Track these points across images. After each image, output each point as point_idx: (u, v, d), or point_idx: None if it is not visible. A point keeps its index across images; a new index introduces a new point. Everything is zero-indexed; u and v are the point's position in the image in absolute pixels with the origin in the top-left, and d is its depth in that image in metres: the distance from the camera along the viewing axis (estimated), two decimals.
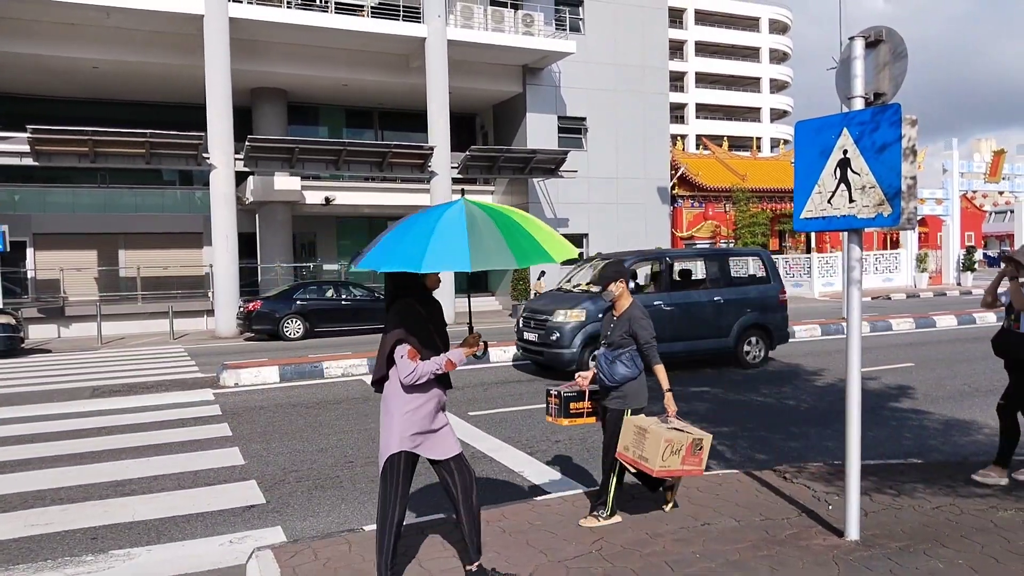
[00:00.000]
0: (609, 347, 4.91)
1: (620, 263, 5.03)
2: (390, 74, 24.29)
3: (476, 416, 9.03)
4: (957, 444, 7.28)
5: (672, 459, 4.60)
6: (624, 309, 4.93)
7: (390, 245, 3.56)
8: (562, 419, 5.15)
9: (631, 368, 4.87)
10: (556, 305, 11.85)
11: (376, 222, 28.83)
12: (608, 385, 4.94)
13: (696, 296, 11.95)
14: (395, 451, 3.84)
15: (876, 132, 4.13)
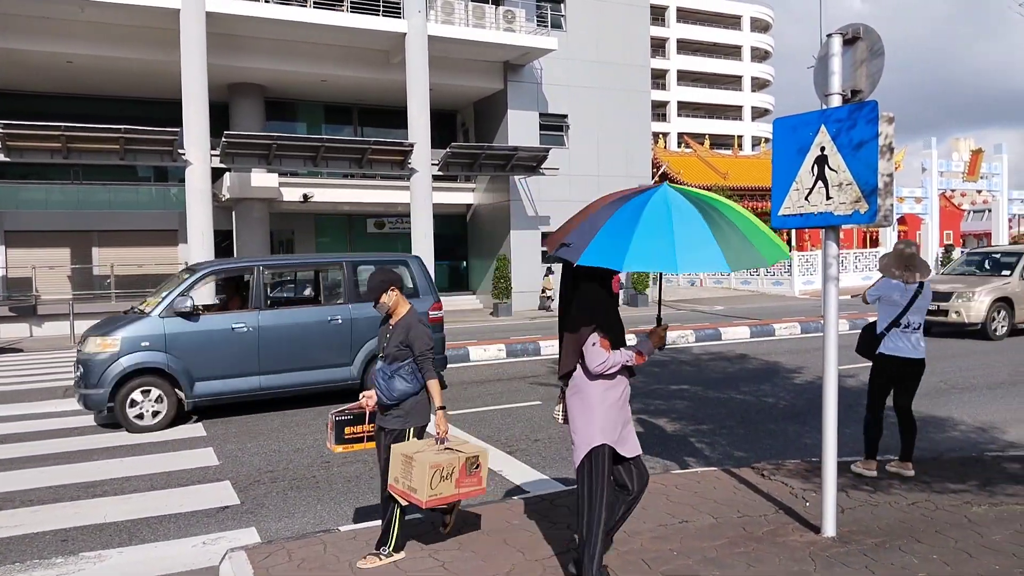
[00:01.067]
0: (386, 361, 4.39)
1: (388, 270, 4.47)
2: (370, 70, 24.10)
3: (456, 415, 8.98)
4: (933, 440, 7.33)
5: (444, 485, 4.14)
6: (400, 317, 4.42)
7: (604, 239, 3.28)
8: (335, 446, 4.70)
9: (411, 383, 4.33)
10: (93, 332, 9.03)
11: (356, 219, 28.66)
12: (386, 403, 4.40)
13: (301, 316, 9.59)
14: (599, 443, 3.68)
15: (853, 129, 4.13)
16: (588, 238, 3.29)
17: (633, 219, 3.29)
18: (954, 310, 14.61)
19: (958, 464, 5.96)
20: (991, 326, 14.48)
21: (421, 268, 10.45)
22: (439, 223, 25.64)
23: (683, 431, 7.99)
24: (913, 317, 5.87)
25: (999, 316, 14.66)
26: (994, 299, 14.58)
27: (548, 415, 8.81)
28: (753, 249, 3.35)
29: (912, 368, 5.92)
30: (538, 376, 11.59)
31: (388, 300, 4.39)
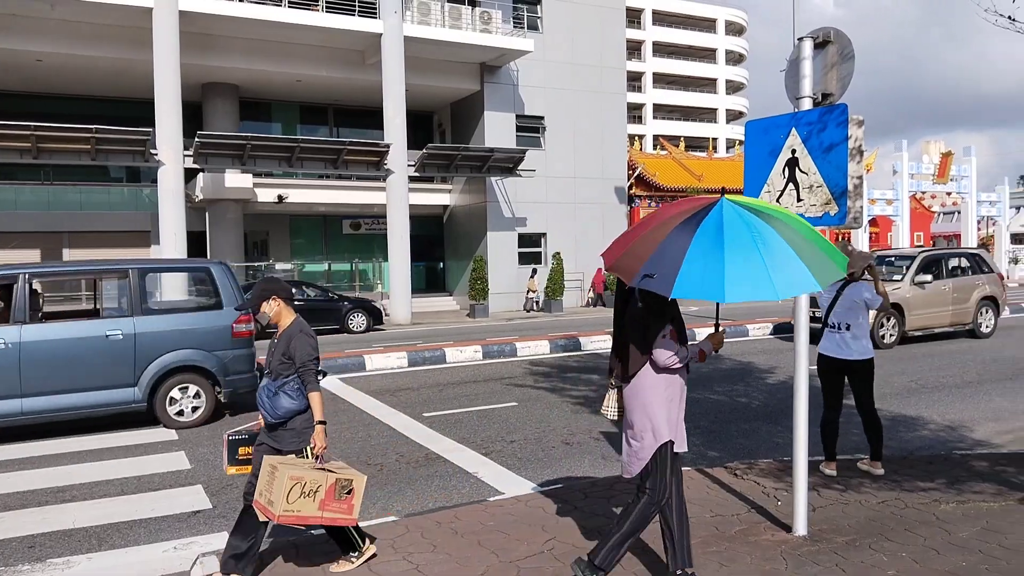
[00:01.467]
0: (271, 377, 4.14)
1: (275, 279, 4.32)
2: (345, 70, 24.01)
3: (431, 417, 8.96)
4: (903, 439, 7.43)
5: (304, 503, 3.81)
6: (284, 329, 4.21)
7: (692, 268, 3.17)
8: (229, 467, 4.42)
9: (298, 400, 4.07)
10: None
11: (331, 220, 28.51)
12: (272, 422, 4.12)
13: (73, 330, 8.44)
14: (667, 439, 3.69)
15: (824, 132, 4.18)
16: (674, 268, 3.18)
17: (716, 244, 3.19)
18: None
19: (927, 463, 6.05)
20: (878, 333, 13.54)
21: (226, 276, 9.25)
22: (416, 224, 25.59)
23: None
24: (838, 316, 5.83)
25: (887, 324, 13.83)
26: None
27: (524, 416, 8.83)
28: (830, 261, 3.30)
29: (847, 368, 5.85)
30: (514, 377, 11.59)
31: (268, 310, 4.20)
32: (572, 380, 11.23)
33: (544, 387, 10.73)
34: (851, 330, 5.80)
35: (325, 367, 12.12)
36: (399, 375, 12.14)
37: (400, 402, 9.91)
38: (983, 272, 15.40)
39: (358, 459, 7.19)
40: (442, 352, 13.21)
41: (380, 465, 7.00)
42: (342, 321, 19.29)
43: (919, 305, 14.12)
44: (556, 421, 8.57)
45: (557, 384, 10.94)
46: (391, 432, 8.29)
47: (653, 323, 3.64)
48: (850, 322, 5.81)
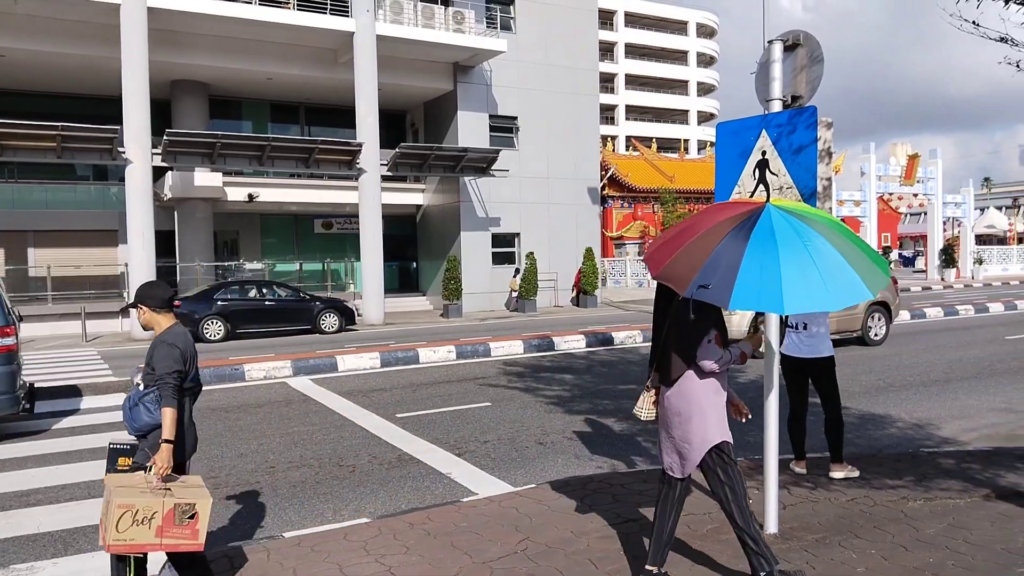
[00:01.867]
0: (143, 387, 3.90)
1: (155, 284, 4.04)
2: (317, 68, 23.83)
3: (404, 418, 8.91)
4: (872, 437, 7.53)
5: (136, 531, 3.48)
6: (155, 336, 3.94)
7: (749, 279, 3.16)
8: (105, 475, 3.99)
9: (156, 413, 3.76)
10: None
11: (303, 220, 28.28)
12: (132, 434, 3.89)
13: None
14: (716, 441, 3.72)
15: (793, 134, 4.22)
16: (730, 278, 3.16)
17: (771, 253, 3.18)
18: None
19: (895, 460, 6.14)
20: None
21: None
22: (388, 224, 25.46)
23: (630, 430, 8.06)
24: (796, 316, 5.83)
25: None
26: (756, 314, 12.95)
27: (498, 416, 8.82)
28: (875, 267, 3.31)
29: (808, 367, 5.87)
30: (488, 377, 11.57)
31: (140, 319, 3.96)
32: (546, 380, 11.24)
33: (518, 387, 10.73)
34: (808, 329, 5.85)
35: (297, 367, 12.07)
36: (372, 376, 12.07)
37: (373, 403, 9.85)
38: None
39: (330, 461, 7.14)
40: (415, 352, 13.16)
41: (352, 467, 6.95)
42: (314, 321, 19.14)
43: None
44: (530, 421, 8.58)
45: (531, 384, 10.95)
46: (363, 433, 8.24)
47: (698, 328, 3.66)
48: (807, 322, 5.85)
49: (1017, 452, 6.24)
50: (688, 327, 3.67)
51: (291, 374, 12.05)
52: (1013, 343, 14.31)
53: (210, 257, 24.51)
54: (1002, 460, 5.97)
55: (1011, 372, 11.19)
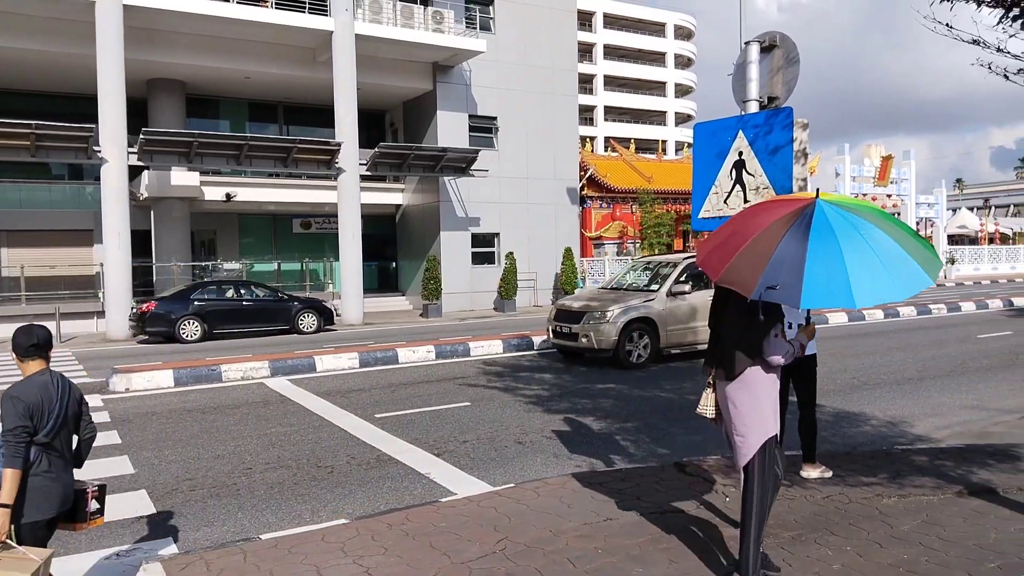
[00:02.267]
0: None
1: (21, 329, 3.59)
2: (296, 67, 23.67)
3: (383, 418, 8.88)
4: (846, 435, 7.62)
5: None
6: None
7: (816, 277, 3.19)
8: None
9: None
10: None
11: (281, 219, 28.10)
12: None
13: None
14: (774, 432, 3.79)
15: (769, 135, 4.26)
16: (797, 278, 3.20)
17: (833, 250, 3.21)
18: (583, 333, 12.17)
19: (869, 458, 6.21)
20: (623, 351, 12.02)
21: None
22: (368, 223, 25.35)
23: (608, 429, 8.09)
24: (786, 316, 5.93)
25: (638, 340, 12.18)
26: (630, 320, 12.06)
27: (477, 416, 8.81)
28: (929, 253, 3.37)
29: (790, 366, 5.92)
30: (467, 377, 11.56)
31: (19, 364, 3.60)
32: (525, 379, 11.25)
33: (497, 387, 10.73)
34: (792, 328, 5.88)
35: (275, 368, 11.99)
36: (351, 376, 12.01)
37: (351, 403, 9.81)
38: None
39: (308, 462, 7.09)
40: (394, 352, 13.11)
41: (331, 467, 6.91)
42: (292, 321, 19.01)
43: (678, 319, 12.45)
44: (509, 421, 8.58)
45: (510, 384, 10.95)
46: (342, 434, 8.20)
47: (766, 324, 3.73)
48: (791, 321, 5.89)
49: (988, 449, 6.33)
50: (754, 324, 3.74)
51: (269, 375, 11.97)
52: (984, 342, 14.53)
53: (187, 257, 24.27)
54: (974, 457, 6.06)
55: (983, 370, 11.36)
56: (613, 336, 11.95)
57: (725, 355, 3.86)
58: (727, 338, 3.87)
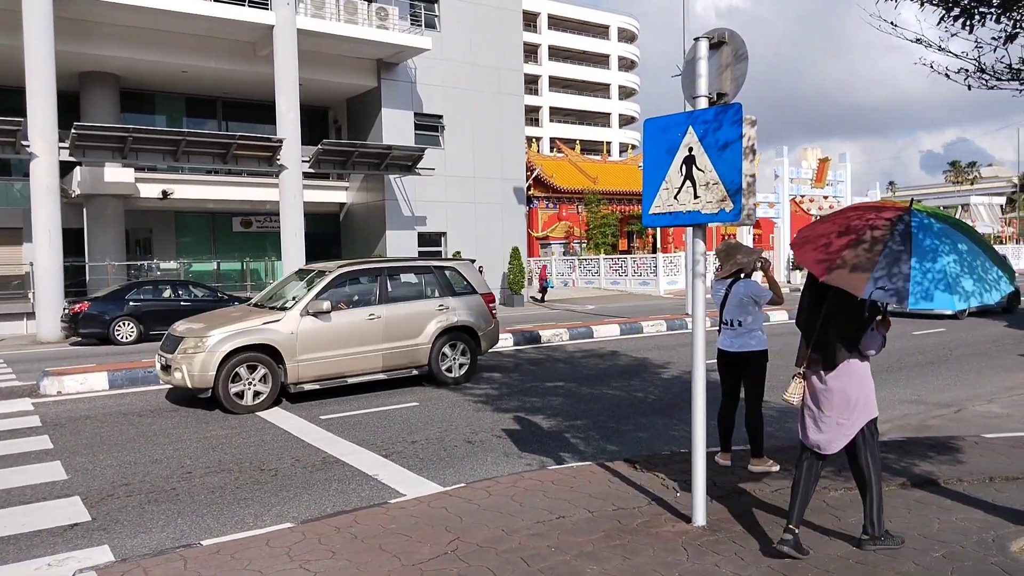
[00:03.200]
0: None
1: None
2: (236, 62, 23.14)
3: (329, 419, 8.70)
4: (791, 430, 7.75)
5: None
6: None
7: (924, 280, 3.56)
8: None
9: None
10: None
11: (221, 218, 27.44)
12: None
13: None
14: (876, 414, 4.27)
15: (719, 131, 4.27)
16: (903, 282, 3.55)
17: (933, 256, 3.58)
18: (176, 366, 9.11)
19: None
20: (225, 391, 8.99)
21: None
22: (311, 222, 24.96)
23: (559, 427, 8.08)
24: (730, 313, 5.96)
25: (251, 378, 9.15)
26: (235, 348, 9.09)
27: (426, 416, 8.71)
28: (1004, 260, 3.76)
29: (739, 360, 5.98)
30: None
31: None
32: (474, 379, 11.17)
33: (448, 386, 10.62)
34: (743, 326, 5.96)
35: None
36: None
37: (296, 405, 9.59)
38: (454, 294, 11.05)
39: (250, 465, 6.89)
40: None
41: (275, 471, 6.73)
42: None
43: (319, 344, 9.64)
44: (458, 420, 8.50)
45: (461, 383, 10.85)
46: (286, 436, 8.00)
47: (866, 320, 4.10)
48: (741, 319, 5.95)
49: (928, 442, 6.51)
50: (854, 320, 4.09)
51: None
52: (920, 338, 15.02)
53: (122, 256, 23.47)
54: (916, 450, 6.21)
55: (919, 365, 11.72)
56: (210, 371, 8.95)
57: (826, 347, 4.18)
58: (828, 332, 4.17)
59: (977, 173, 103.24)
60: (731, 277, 6.01)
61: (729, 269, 5.91)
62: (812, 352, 4.24)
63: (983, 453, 6.04)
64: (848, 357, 4.13)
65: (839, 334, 4.13)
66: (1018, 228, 63.44)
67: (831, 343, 4.15)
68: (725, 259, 5.92)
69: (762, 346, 5.94)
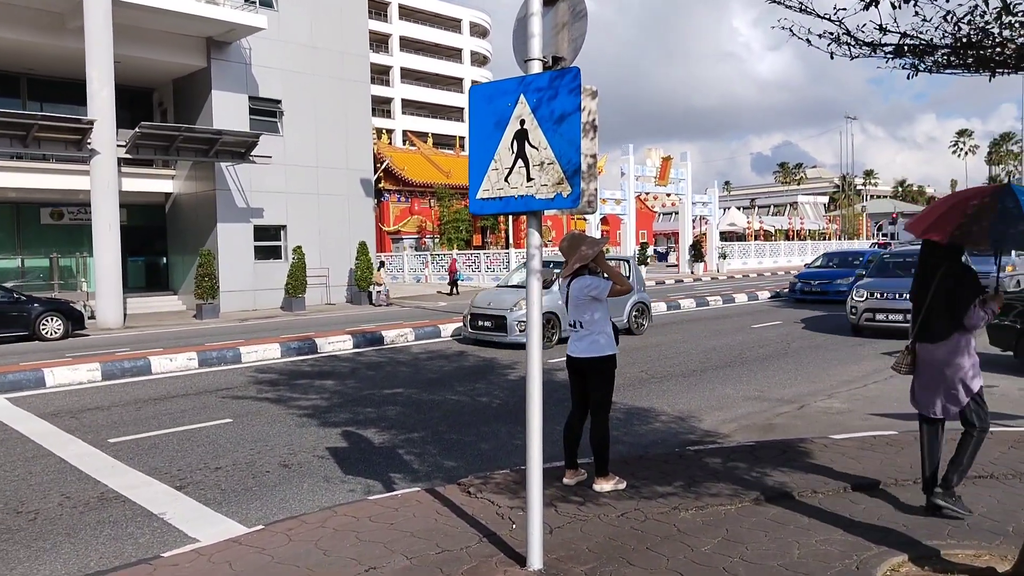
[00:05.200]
0: None
1: None
2: (41, 34, 20.51)
3: (118, 443, 7.40)
4: (637, 433, 7.29)
5: None
6: None
7: None
8: None
9: None
10: None
11: (26, 208, 24.42)
12: None
13: None
14: (981, 383, 4.60)
15: (555, 100, 3.57)
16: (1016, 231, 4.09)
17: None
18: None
19: (663, 462, 5.80)
20: None
21: None
22: (132, 214, 22.65)
23: (392, 442, 7.22)
24: (572, 314, 5.29)
25: None
26: None
27: (238, 435, 7.59)
28: None
29: (583, 367, 5.26)
30: (234, 388, 10.17)
31: None
32: (302, 388, 10.09)
33: (268, 398, 9.49)
34: (584, 327, 5.27)
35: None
36: (89, 391, 10.16)
37: (82, 426, 8.17)
38: None
39: (5, 507, 5.59)
40: (146, 361, 11.33)
41: (35, 512, 5.48)
42: (32, 326, 16.29)
43: None
44: (276, 439, 7.45)
45: (284, 394, 9.74)
46: (61, 466, 6.68)
47: (970, 295, 4.48)
48: (582, 319, 5.26)
49: (778, 446, 6.16)
50: (958, 298, 4.50)
51: (9, 389, 9.87)
52: (759, 331, 15.30)
53: None
54: (766, 455, 5.83)
55: (760, 360, 11.76)
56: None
57: (934, 322, 4.59)
58: (935, 307, 4.58)
59: (803, 174, 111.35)
60: (574, 275, 5.32)
61: (573, 266, 5.19)
62: (921, 326, 4.65)
63: (833, 458, 5.73)
64: (954, 331, 4.52)
65: (946, 310, 4.55)
66: (841, 225, 68.67)
67: (938, 318, 4.58)
68: (569, 253, 5.20)
69: (609, 350, 5.22)
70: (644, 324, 15.10)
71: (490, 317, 13.79)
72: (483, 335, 13.88)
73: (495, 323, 13.68)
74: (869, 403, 8.62)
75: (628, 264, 15.10)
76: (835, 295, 20.22)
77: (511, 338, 13.31)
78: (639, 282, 15.49)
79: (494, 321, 13.70)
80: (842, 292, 19.08)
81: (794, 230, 63.12)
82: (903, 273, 14.88)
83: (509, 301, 13.68)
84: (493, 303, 14.00)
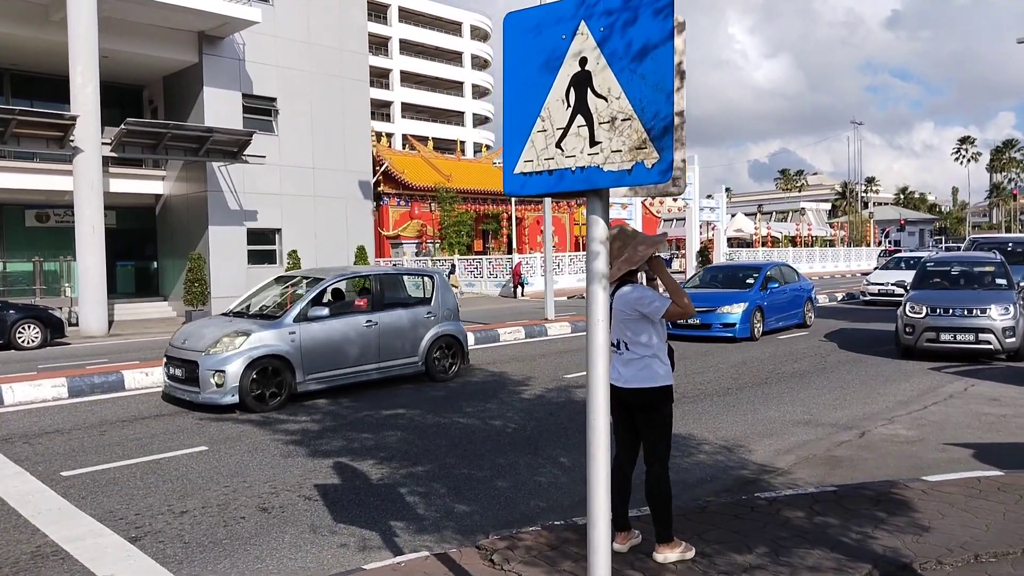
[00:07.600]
0: None
1: None
2: (23, 26, 19.51)
3: (72, 478, 6.29)
4: (682, 468, 6.15)
5: None
6: None
7: None
8: None
9: None
10: None
11: (10, 210, 23.36)
12: None
13: None
14: None
15: (633, 25, 2.47)
16: None
17: None
18: None
19: (732, 516, 4.67)
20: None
21: None
22: (121, 216, 21.56)
23: (392, 477, 6.11)
24: (615, 332, 4.09)
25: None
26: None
27: (213, 467, 6.48)
28: None
29: (627, 400, 4.10)
30: (212, 408, 9.03)
31: None
32: (290, 408, 8.95)
33: (251, 420, 8.36)
34: (631, 350, 4.11)
35: None
36: (51, 411, 9.01)
37: (35, 454, 7.05)
38: None
39: None
40: (119, 376, 10.16)
41: None
42: (7, 334, 15.18)
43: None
44: (256, 472, 6.34)
45: (269, 415, 8.61)
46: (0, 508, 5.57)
47: None
48: (626, 339, 4.11)
49: (868, 493, 5.04)
50: None
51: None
52: (785, 342, 14.17)
53: None
54: (857, 507, 4.72)
55: (797, 376, 10.65)
56: None
57: None
58: None
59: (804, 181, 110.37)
60: (620, 281, 4.17)
61: (620, 269, 4.01)
62: None
63: (942, 509, 4.62)
64: None
65: None
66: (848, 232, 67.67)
67: None
68: (618, 253, 3.93)
69: (666, 380, 4.08)
70: None
71: (181, 363, 8.97)
72: (176, 390, 9.08)
73: (186, 372, 8.86)
74: (938, 430, 7.51)
75: None
76: (721, 329, 13.99)
77: (204, 397, 8.57)
78: None
79: (185, 369, 8.88)
80: (729, 325, 13.89)
81: (800, 237, 61.97)
82: (950, 284, 12.83)
83: (209, 337, 8.87)
84: (189, 341, 9.13)
